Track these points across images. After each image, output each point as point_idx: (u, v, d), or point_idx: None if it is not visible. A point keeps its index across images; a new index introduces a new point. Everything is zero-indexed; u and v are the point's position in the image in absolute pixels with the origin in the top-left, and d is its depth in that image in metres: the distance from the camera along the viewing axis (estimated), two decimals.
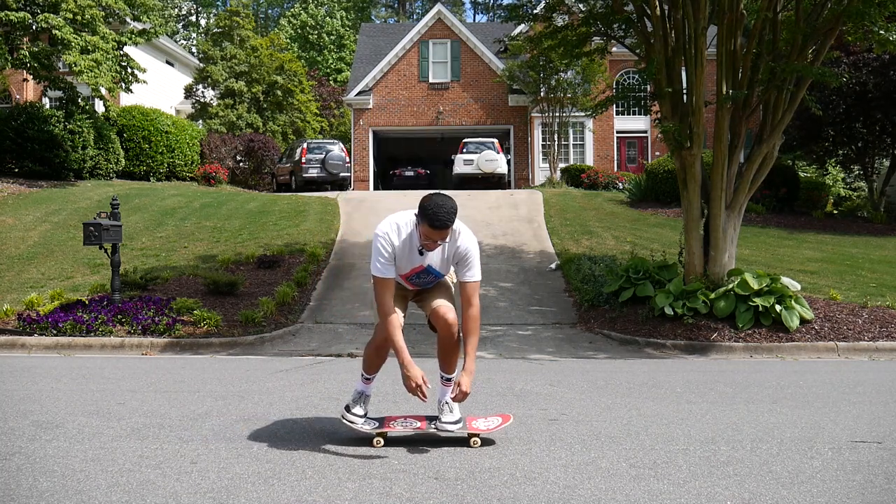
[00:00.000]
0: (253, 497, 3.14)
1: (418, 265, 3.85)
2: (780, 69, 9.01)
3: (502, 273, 12.20)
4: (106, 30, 18.90)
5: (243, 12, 31.16)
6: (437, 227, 3.64)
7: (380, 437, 3.97)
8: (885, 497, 3.24)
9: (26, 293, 9.85)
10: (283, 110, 31.43)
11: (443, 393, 4.05)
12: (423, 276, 3.92)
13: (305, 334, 8.99)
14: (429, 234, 3.68)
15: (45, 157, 18.97)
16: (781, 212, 18.96)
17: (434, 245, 3.74)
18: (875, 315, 9.11)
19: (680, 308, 8.95)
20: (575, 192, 21.78)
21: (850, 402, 5.32)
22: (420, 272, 3.89)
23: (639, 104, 22.18)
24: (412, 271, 3.88)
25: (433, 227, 3.64)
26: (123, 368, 6.75)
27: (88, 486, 3.27)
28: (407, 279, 3.93)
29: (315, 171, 23.75)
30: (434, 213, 3.62)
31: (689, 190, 9.48)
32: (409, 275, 3.90)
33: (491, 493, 3.21)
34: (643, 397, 5.42)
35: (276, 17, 55.75)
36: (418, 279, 3.94)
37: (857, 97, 17.89)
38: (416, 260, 3.84)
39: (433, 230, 3.65)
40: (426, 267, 3.87)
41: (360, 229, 15.30)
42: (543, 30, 11.34)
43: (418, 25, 28.89)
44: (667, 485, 3.35)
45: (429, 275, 3.91)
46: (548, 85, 25.10)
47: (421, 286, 4.00)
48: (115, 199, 9.28)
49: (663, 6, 9.60)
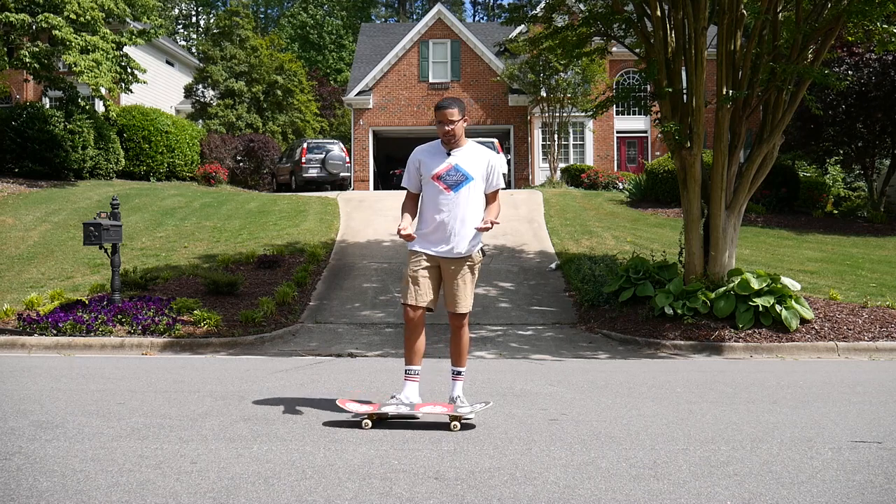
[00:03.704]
0: (253, 497, 3.14)
1: (448, 164, 4.45)
2: (781, 69, 9.01)
3: (502, 273, 12.20)
4: (106, 30, 18.90)
5: (243, 12, 31.15)
6: (438, 109, 4.43)
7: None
8: (885, 497, 3.24)
9: (26, 293, 9.85)
10: (283, 110, 31.43)
11: (453, 387, 4.55)
12: (454, 174, 4.44)
13: (305, 334, 8.99)
14: (436, 120, 4.45)
15: (46, 157, 18.97)
16: (781, 212, 18.96)
17: (445, 131, 4.41)
18: (875, 315, 9.11)
19: (680, 308, 8.95)
20: (575, 191, 21.78)
21: (850, 402, 5.32)
22: (450, 170, 4.44)
23: (639, 104, 22.14)
24: (443, 169, 4.45)
25: (436, 110, 4.45)
26: (123, 368, 6.75)
27: (88, 486, 3.27)
28: (439, 178, 4.45)
29: (315, 170, 23.75)
30: (437, 103, 4.49)
31: (689, 190, 9.47)
32: (441, 173, 4.45)
33: (491, 493, 3.21)
34: (643, 397, 5.42)
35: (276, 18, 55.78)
36: (449, 177, 4.45)
37: (858, 97, 17.88)
38: (445, 160, 4.47)
39: (436, 112, 4.45)
40: (454, 165, 4.44)
41: (360, 229, 15.30)
42: (543, 30, 11.34)
43: (418, 25, 28.89)
44: (667, 485, 3.35)
45: (458, 172, 4.44)
46: (548, 85, 25.10)
47: (453, 186, 4.44)
48: (115, 199, 9.28)
49: (663, 6, 9.60)
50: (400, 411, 4.39)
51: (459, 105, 4.44)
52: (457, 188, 4.41)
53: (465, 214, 4.42)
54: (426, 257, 4.48)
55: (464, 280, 4.48)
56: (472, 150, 4.51)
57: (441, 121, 4.41)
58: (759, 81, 9.44)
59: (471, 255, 4.49)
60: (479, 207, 4.49)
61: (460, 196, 4.41)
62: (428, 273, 4.47)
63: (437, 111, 4.43)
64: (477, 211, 4.47)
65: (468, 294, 4.49)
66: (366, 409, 4.38)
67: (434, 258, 4.47)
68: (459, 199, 4.41)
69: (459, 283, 4.47)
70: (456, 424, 4.26)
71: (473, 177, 4.43)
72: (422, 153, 4.55)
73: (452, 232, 4.41)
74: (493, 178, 4.51)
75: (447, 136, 4.42)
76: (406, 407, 4.40)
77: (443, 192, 4.42)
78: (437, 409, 4.43)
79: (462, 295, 4.47)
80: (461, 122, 4.42)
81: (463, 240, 4.42)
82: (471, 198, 4.44)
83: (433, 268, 4.49)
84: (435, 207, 4.44)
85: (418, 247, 4.50)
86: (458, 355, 4.55)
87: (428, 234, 4.48)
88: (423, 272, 4.47)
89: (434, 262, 4.48)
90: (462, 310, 4.48)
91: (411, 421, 4.48)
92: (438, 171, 4.43)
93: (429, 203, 4.49)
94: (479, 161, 4.47)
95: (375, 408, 4.39)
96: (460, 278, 4.47)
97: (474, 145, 4.55)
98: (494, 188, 4.54)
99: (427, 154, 4.53)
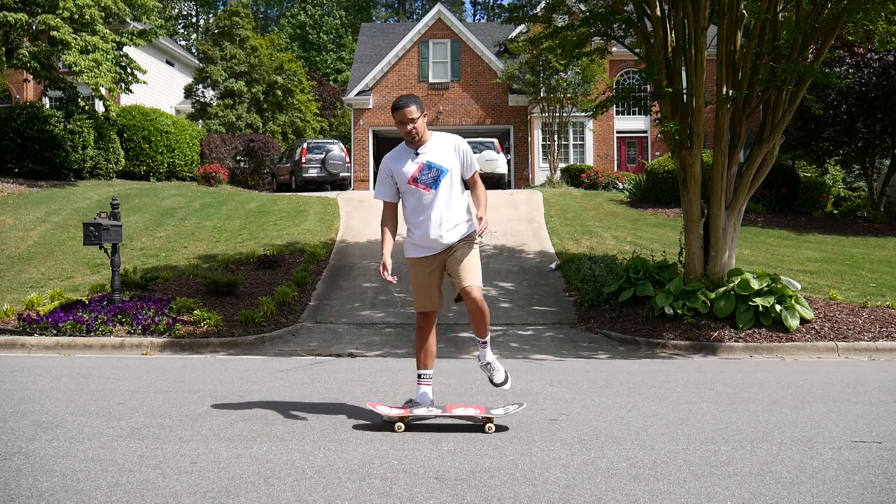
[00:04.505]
0: (253, 497, 3.14)
1: (418, 164, 4.34)
2: (781, 69, 9.01)
3: (502, 273, 12.20)
4: (105, 30, 18.89)
5: (243, 12, 31.15)
6: (395, 109, 4.30)
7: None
8: (885, 497, 3.24)
9: (26, 293, 9.85)
10: (283, 110, 31.42)
11: (483, 354, 4.55)
12: (427, 172, 4.34)
13: (305, 334, 8.99)
14: (396, 121, 4.31)
15: (46, 157, 18.96)
16: (781, 212, 18.96)
17: (406, 130, 4.28)
18: (875, 315, 9.11)
19: (680, 308, 8.95)
20: (575, 191, 21.78)
21: (850, 402, 5.32)
22: (423, 169, 4.34)
23: (639, 104, 22.14)
24: (416, 171, 4.34)
25: (393, 111, 4.31)
26: (123, 368, 6.75)
27: (88, 486, 3.27)
28: (415, 181, 4.34)
29: (315, 170, 23.74)
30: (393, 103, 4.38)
31: (689, 190, 9.47)
32: (416, 174, 4.34)
33: (491, 493, 3.21)
34: (643, 397, 5.42)
35: (276, 18, 55.75)
36: (424, 177, 4.35)
37: (859, 97, 17.88)
38: (414, 160, 4.36)
39: (394, 113, 4.31)
40: (426, 163, 4.34)
41: (360, 229, 15.30)
42: (543, 30, 11.34)
43: (418, 25, 28.89)
44: (667, 485, 3.35)
45: (431, 169, 4.34)
46: (548, 85, 25.11)
47: (430, 184, 4.35)
48: (115, 199, 9.28)
49: (663, 6, 9.60)
50: (432, 412, 4.36)
51: (416, 101, 4.32)
52: (435, 185, 4.33)
53: (448, 207, 4.35)
54: (425, 262, 4.43)
55: (468, 258, 4.38)
56: (437, 141, 4.41)
57: (401, 121, 4.28)
58: (759, 81, 9.44)
59: (469, 235, 4.41)
60: (461, 197, 4.43)
61: (440, 191, 4.34)
62: (431, 277, 4.44)
63: (395, 111, 4.30)
64: (460, 201, 4.41)
65: (476, 269, 4.38)
66: (397, 413, 4.31)
67: (433, 258, 4.43)
68: (440, 193, 4.34)
69: (465, 261, 4.36)
70: (491, 427, 4.23)
71: (448, 168, 4.35)
72: (390, 160, 4.43)
73: (441, 222, 4.32)
74: (467, 160, 4.44)
75: (410, 136, 4.31)
76: (438, 409, 4.39)
77: (423, 192, 4.34)
78: (469, 410, 4.41)
79: (471, 271, 4.35)
80: (421, 119, 4.30)
81: (450, 229, 4.35)
82: (451, 188, 4.37)
83: (435, 269, 4.44)
84: (419, 210, 4.35)
85: (415, 254, 4.45)
86: (481, 328, 4.45)
87: (419, 239, 4.40)
88: (426, 278, 4.44)
89: (434, 262, 4.45)
90: (475, 289, 4.33)
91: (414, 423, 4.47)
92: (413, 174, 4.33)
93: (412, 208, 4.40)
94: (447, 150, 4.39)
95: (406, 411, 4.32)
96: (465, 257, 4.37)
97: (438, 136, 4.45)
98: (473, 171, 4.47)
99: (395, 160, 4.41)
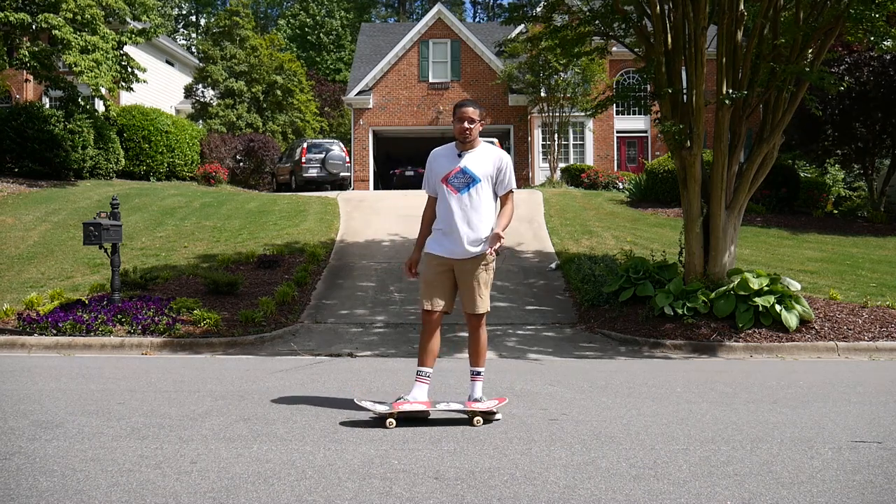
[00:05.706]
0: (253, 497, 3.14)
1: (456, 167, 4.51)
2: (780, 70, 9.01)
3: (502, 273, 12.20)
4: (106, 29, 18.88)
5: (243, 12, 31.15)
6: (460, 106, 4.52)
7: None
8: (885, 497, 3.24)
9: (26, 293, 9.85)
10: (283, 110, 31.41)
11: (472, 388, 4.56)
12: (461, 177, 4.50)
13: (305, 334, 8.99)
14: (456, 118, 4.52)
15: (45, 156, 18.95)
16: (781, 212, 18.96)
17: (462, 128, 4.47)
18: (875, 315, 9.11)
19: (680, 308, 8.95)
20: (575, 191, 21.78)
21: (850, 402, 5.32)
22: (457, 173, 4.50)
23: (639, 104, 22.16)
24: (451, 172, 4.51)
25: (457, 107, 4.54)
26: (123, 368, 6.75)
27: (88, 486, 3.27)
28: (447, 180, 4.52)
29: (315, 170, 23.75)
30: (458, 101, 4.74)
31: (689, 190, 9.47)
32: (449, 176, 4.52)
33: (491, 493, 3.21)
34: (643, 397, 5.42)
35: (276, 18, 55.74)
36: (456, 179, 4.51)
37: (858, 96, 17.87)
38: (454, 162, 4.53)
39: (457, 110, 4.53)
40: (462, 168, 4.49)
41: (360, 229, 15.30)
42: (543, 30, 11.33)
43: (418, 25, 28.90)
44: (667, 485, 3.35)
45: (464, 175, 4.50)
46: (547, 85, 25.11)
47: (459, 188, 4.50)
48: (114, 199, 9.28)
49: (663, 6, 9.60)
50: (451, 407, 4.52)
51: (479, 108, 4.56)
52: (463, 190, 4.47)
53: (470, 216, 4.44)
54: (438, 261, 4.51)
55: (477, 281, 4.48)
56: (482, 151, 4.56)
57: (460, 118, 4.48)
58: (758, 81, 9.44)
59: (483, 255, 4.48)
60: (488, 209, 4.50)
61: (465, 198, 4.45)
62: (442, 276, 4.51)
63: (459, 108, 4.50)
64: (485, 213, 4.48)
65: (483, 294, 4.50)
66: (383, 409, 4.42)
67: (445, 261, 4.49)
68: (464, 200, 4.45)
69: (473, 283, 4.48)
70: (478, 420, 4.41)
71: (480, 178, 4.47)
72: (436, 155, 4.66)
73: (459, 233, 4.43)
74: (504, 178, 4.55)
75: (462, 134, 4.48)
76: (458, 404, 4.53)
77: (450, 193, 4.49)
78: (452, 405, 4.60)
79: (477, 296, 4.48)
80: (478, 124, 4.50)
81: (469, 241, 4.43)
82: (478, 200, 4.46)
83: (446, 271, 4.52)
84: (446, 208, 4.50)
85: (429, 248, 4.57)
86: (476, 355, 4.59)
87: (441, 234, 4.54)
88: (437, 276, 4.51)
89: (446, 265, 4.50)
90: (478, 311, 4.50)
91: (410, 420, 4.47)
92: (447, 174, 4.51)
93: (441, 204, 4.57)
94: (487, 162, 4.51)
95: (428, 405, 4.45)
96: (474, 279, 4.48)
97: (487, 147, 4.60)
98: (506, 189, 4.58)
99: (439, 156, 4.63)
